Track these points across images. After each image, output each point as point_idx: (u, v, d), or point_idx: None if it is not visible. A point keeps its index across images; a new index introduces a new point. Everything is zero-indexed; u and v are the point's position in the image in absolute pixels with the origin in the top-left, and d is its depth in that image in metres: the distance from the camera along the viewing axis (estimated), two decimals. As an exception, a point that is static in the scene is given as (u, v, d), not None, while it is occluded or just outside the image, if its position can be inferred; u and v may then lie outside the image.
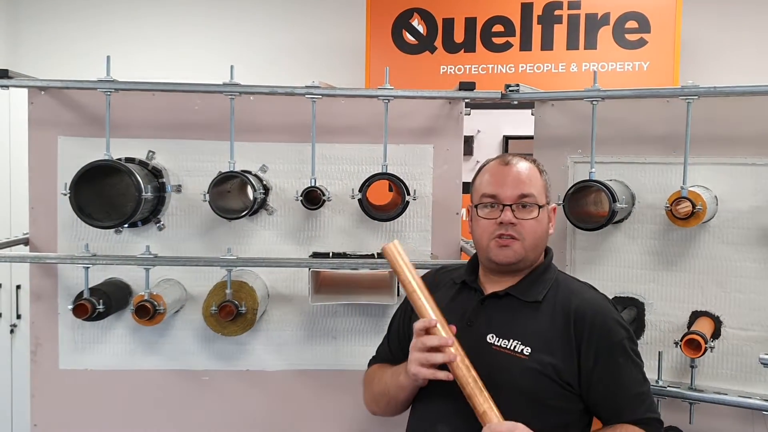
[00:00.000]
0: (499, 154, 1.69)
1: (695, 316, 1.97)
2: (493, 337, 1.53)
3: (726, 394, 1.88)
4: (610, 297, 2.02)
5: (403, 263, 1.53)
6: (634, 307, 2.04)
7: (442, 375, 1.45)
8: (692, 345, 1.82)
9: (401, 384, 1.56)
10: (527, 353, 1.50)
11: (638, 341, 2.00)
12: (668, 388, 1.91)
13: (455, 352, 1.44)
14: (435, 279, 1.76)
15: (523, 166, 1.60)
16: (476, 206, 1.61)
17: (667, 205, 1.86)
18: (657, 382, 1.92)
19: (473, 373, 1.44)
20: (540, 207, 1.56)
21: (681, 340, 1.84)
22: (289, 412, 2.20)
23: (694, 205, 1.81)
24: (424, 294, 1.52)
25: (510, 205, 1.55)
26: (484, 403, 1.41)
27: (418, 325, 1.49)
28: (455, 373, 1.44)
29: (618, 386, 1.51)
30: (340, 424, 2.20)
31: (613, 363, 1.51)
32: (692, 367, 1.92)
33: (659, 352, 1.94)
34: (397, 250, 1.54)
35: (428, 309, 1.50)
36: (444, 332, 1.47)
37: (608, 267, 2.08)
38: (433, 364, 1.45)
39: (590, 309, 1.54)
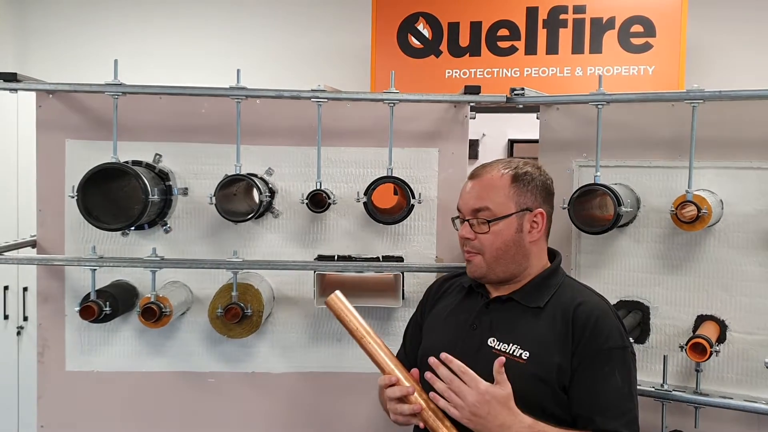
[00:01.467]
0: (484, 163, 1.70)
1: (700, 320, 1.97)
2: (494, 340, 1.55)
3: (731, 399, 1.88)
4: (615, 301, 2.04)
5: (349, 312, 1.56)
6: (639, 311, 2.04)
7: (415, 421, 1.50)
8: (697, 349, 1.81)
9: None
10: (525, 357, 1.50)
11: (643, 345, 2.01)
12: (673, 392, 1.91)
13: (417, 397, 1.49)
14: (440, 288, 1.78)
15: (486, 177, 1.59)
16: (453, 219, 1.67)
17: (673, 209, 1.86)
18: (662, 386, 1.92)
19: (432, 405, 1.48)
20: (491, 221, 1.55)
21: (686, 344, 1.83)
22: (294, 414, 2.20)
23: (699, 209, 1.81)
24: (375, 340, 1.55)
25: (468, 220, 1.58)
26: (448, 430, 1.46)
27: (381, 382, 1.52)
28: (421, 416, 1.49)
29: (595, 392, 1.48)
30: (345, 426, 2.20)
31: (597, 368, 1.48)
32: (697, 371, 1.92)
33: (664, 356, 1.94)
34: (340, 301, 1.57)
35: (381, 356, 1.54)
36: (405, 381, 1.51)
37: (613, 271, 2.08)
38: (403, 414, 1.49)
39: (587, 311, 1.53)
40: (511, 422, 1.41)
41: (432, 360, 1.48)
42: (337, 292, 1.58)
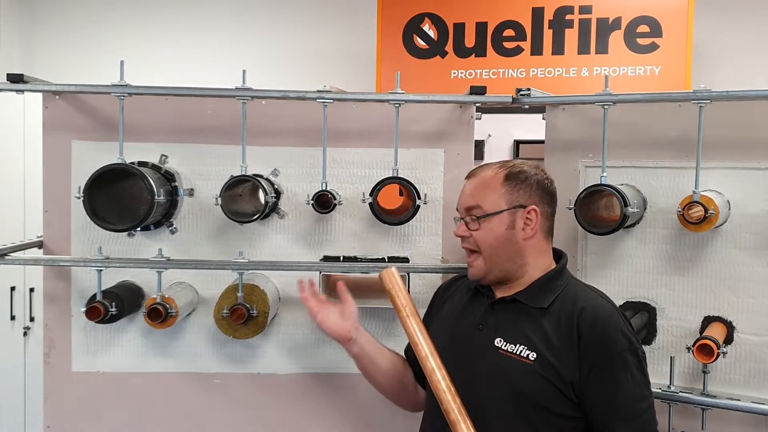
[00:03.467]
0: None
1: (707, 321, 1.96)
2: (500, 341, 1.55)
3: (739, 400, 1.87)
4: (621, 302, 2.03)
5: (399, 290, 1.61)
6: (646, 312, 2.03)
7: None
8: (704, 350, 1.80)
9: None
10: (533, 358, 1.50)
11: (650, 346, 2.00)
12: (680, 394, 1.90)
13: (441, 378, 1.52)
14: (447, 289, 1.80)
15: (480, 176, 1.64)
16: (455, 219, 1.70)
17: (679, 210, 1.85)
18: (669, 387, 1.91)
19: (458, 401, 1.49)
20: (482, 217, 1.59)
21: (693, 346, 1.82)
22: (299, 415, 2.20)
23: (706, 210, 1.80)
24: (417, 323, 1.59)
25: (463, 219, 1.62)
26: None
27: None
28: (439, 398, 1.50)
29: (610, 398, 1.47)
30: (350, 428, 2.20)
31: (609, 373, 1.47)
32: (705, 372, 1.91)
33: (671, 358, 1.93)
34: (395, 277, 1.62)
35: (419, 337, 1.57)
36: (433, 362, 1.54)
37: (620, 272, 2.07)
38: None
39: (593, 315, 1.51)
40: None
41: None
42: (394, 268, 1.63)
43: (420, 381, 1.77)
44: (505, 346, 1.54)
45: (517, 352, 1.51)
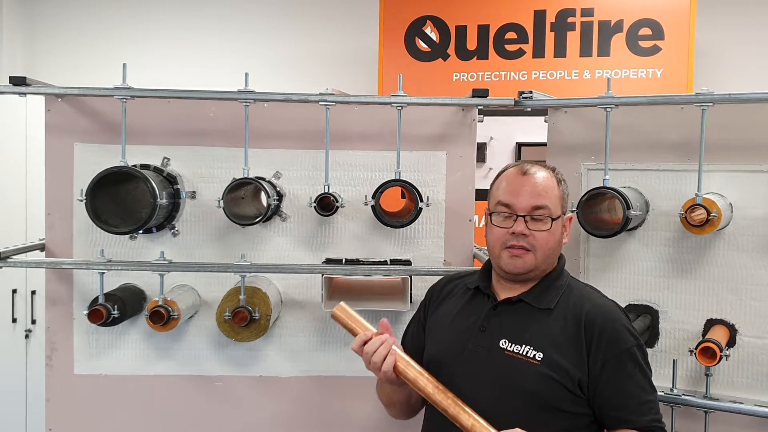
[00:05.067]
0: (518, 161, 1.68)
1: (710, 324, 1.96)
2: (505, 342, 1.55)
3: (741, 403, 1.87)
4: (624, 304, 2.03)
5: (355, 322, 1.60)
6: (648, 314, 2.03)
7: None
8: (707, 353, 1.80)
9: (391, 386, 1.61)
10: (539, 359, 1.51)
11: (652, 349, 2.01)
12: (683, 397, 1.90)
13: (423, 374, 1.53)
14: (443, 289, 1.77)
15: (540, 176, 1.58)
16: (491, 213, 1.61)
17: (682, 213, 1.85)
18: (671, 390, 1.91)
19: (450, 395, 1.49)
20: (553, 219, 1.56)
21: (696, 348, 1.82)
22: (301, 418, 2.20)
23: (708, 213, 1.80)
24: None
25: (524, 216, 1.55)
26: (469, 419, 1.46)
27: (354, 346, 1.57)
28: (434, 401, 1.50)
29: (624, 393, 1.51)
30: (352, 430, 2.20)
31: (621, 370, 1.51)
32: (707, 375, 1.91)
33: (674, 360, 1.93)
34: (346, 312, 1.61)
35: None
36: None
37: (622, 274, 2.07)
38: (378, 366, 1.53)
39: (601, 315, 1.54)
40: None
41: None
42: (342, 303, 1.62)
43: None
44: (510, 347, 1.54)
45: (523, 353, 1.52)
